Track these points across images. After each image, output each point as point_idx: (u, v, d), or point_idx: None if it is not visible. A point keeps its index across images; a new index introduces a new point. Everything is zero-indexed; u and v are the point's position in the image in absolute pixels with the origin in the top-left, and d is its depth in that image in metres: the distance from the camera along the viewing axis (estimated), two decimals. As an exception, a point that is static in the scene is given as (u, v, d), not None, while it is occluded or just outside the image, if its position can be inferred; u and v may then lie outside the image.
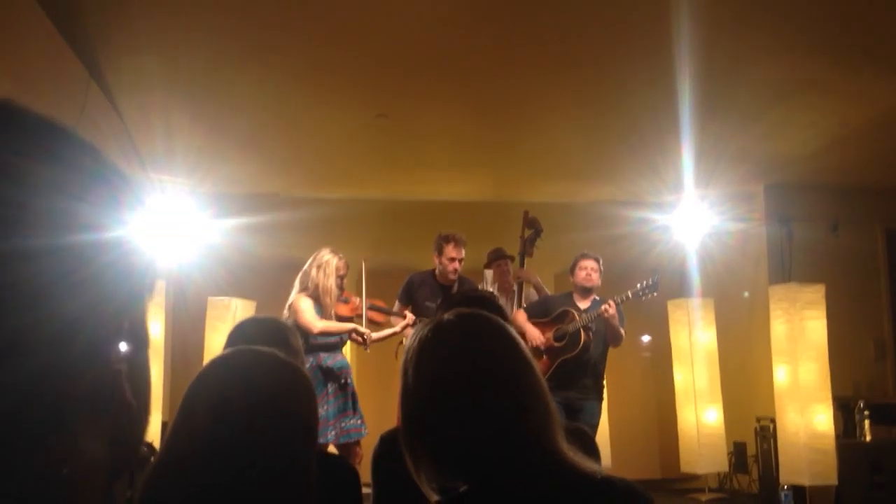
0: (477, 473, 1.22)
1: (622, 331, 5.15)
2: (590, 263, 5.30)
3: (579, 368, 5.11)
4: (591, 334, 5.13)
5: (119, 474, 0.58)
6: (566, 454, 1.23)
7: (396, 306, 5.44)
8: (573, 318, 5.15)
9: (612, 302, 5.01)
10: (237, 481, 1.09)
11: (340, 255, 4.96)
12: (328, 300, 4.87)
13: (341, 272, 4.94)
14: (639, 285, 5.15)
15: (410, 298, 5.40)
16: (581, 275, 5.29)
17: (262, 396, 1.18)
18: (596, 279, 5.28)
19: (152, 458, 1.18)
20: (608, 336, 5.19)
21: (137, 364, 0.58)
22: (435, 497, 1.27)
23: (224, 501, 1.08)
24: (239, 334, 1.93)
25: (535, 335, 5.11)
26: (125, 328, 0.56)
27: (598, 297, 5.29)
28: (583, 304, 5.26)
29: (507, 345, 1.30)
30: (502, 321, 1.37)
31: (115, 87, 4.93)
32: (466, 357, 1.27)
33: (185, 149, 5.87)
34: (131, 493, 1.18)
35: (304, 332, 4.71)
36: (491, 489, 1.20)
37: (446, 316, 1.33)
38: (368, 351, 5.09)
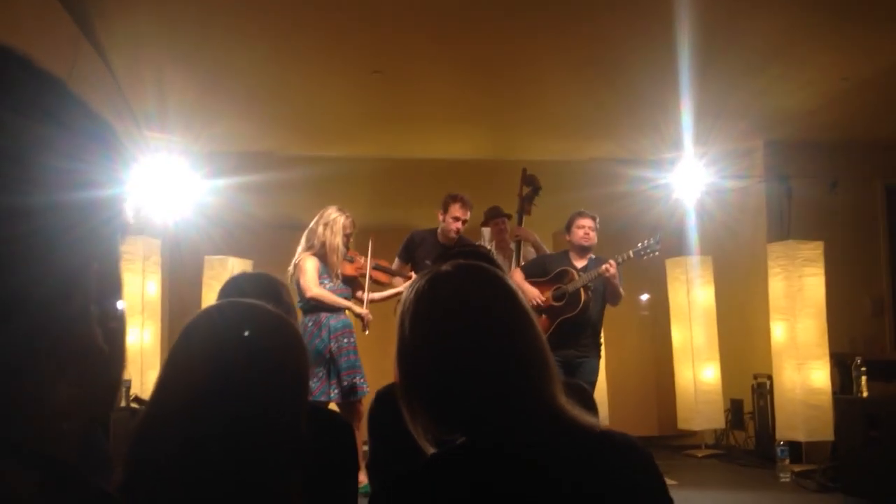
0: (474, 426, 1.20)
1: (621, 290, 5.14)
2: (587, 222, 5.27)
3: (579, 327, 5.12)
4: (590, 293, 5.12)
5: (94, 423, 0.57)
6: (565, 407, 1.22)
7: (396, 263, 5.43)
8: (573, 278, 5.13)
9: (612, 262, 4.99)
10: (228, 432, 1.07)
11: (347, 214, 4.97)
12: (335, 258, 4.89)
13: (348, 230, 4.95)
14: (640, 245, 5.13)
15: (410, 256, 5.40)
16: (579, 234, 5.25)
17: (255, 348, 1.16)
18: (594, 238, 5.26)
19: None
20: (607, 295, 5.18)
21: (109, 308, 0.56)
22: (431, 450, 1.25)
23: (215, 452, 1.06)
24: (232, 288, 1.92)
25: (534, 293, 5.09)
26: (94, 270, 0.54)
27: (594, 256, 5.27)
28: (580, 263, 5.25)
29: (505, 296, 1.27)
30: (500, 272, 1.34)
31: (106, 43, 4.85)
32: (464, 308, 1.24)
33: (178, 106, 5.80)
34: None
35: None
36: (488, 442, 1.18)
37: (444, 267, 1.30)
38: (367, 333, 5.05)
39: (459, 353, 1.20)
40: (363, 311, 4.99)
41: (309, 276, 4.82)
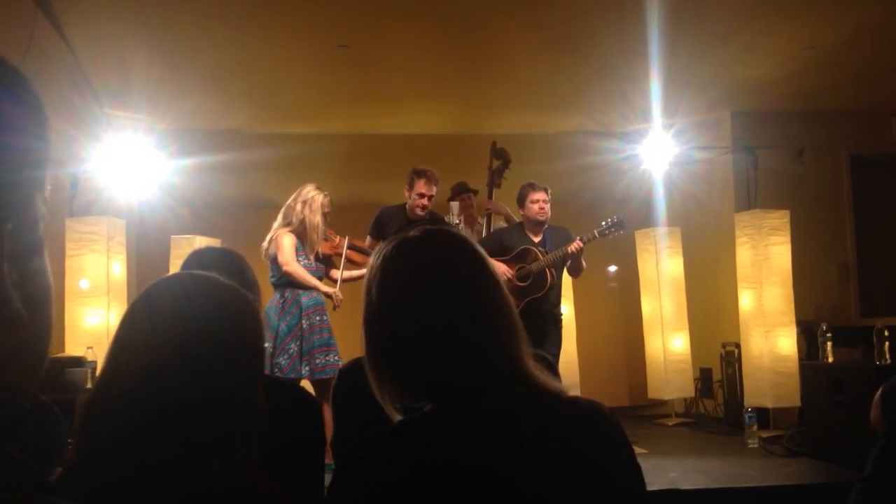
0: (442, 391, 1.19)
1: (584, 263, 5.20)
2: (541, 195, 5.25)
3: (545, 305, 5.14)
4: (554, 272, 5.15)
5: (19, 390, 0.54)
6: (534, 372, 1.21)
7: (367, 240, 5.41)
8: (536, 257, 5.14)
9: (579, 242, 5.03)
10: (180, 405, 1.06)
11: (325, 192, 4.95)
12: (315, 236, 4.88)
13: (326, 209, 4.94)
14: (604, 223, 5.15)
15: (381, 232, 5.37)
16: (534, 208, 5.25)
17: (203, 319, 1.14)
18: (548, 211, 5.26)
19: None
20: (570, 269, 5.24)
21: (29, 271, 0.53)
22: (398, 417, 1.24)
23: (166, 428, 1.05)
24: (194, 262, 1.88)
25: (503, 269, 5.09)
26: (8, 230, 0.51)
27: (549, 226, 5.30)
28: (536, 238, 5.26)
29: (473, 259, 1.24)
30: (468, 238, 1.33)
31: (63, 18, 4.74)
32: (431, 271, 1.22)
33: (141, 82, 5.70)
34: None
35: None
36: (456, 407, 1.17)
37: (411, 232, 1.28)
38: (335, 310, 5.03)
39: (427, 316, 1.18)
40: (332, 290, 4.96)
41: (287, 251, 4.82)
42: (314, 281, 4.91)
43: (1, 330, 0.51)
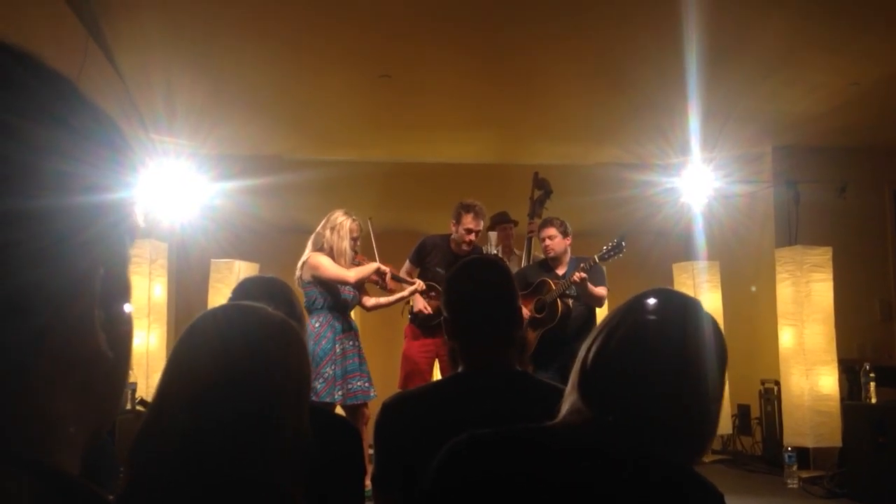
0: (596, 404, 1.24)
1: (601, 290, 5.07)
2: (548, 231, 5.22)
3: (565, 336, 5.03)
4: (569, 302, 5.08)
5: (99, 428, 0.56)
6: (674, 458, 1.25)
7: (406, 266, 5.40)
8: (550, 288, 5.11)
9: (579, 273, 4.95)
10: (231, 435, 1.07)
11: (354, 217, 4.94)
12: (342, 262, 4.86)
13: (354, 234, 4.93)
14: (604, 248, 5.07)
15: (421, 261, 5.36)
16: (542, 246, 5.26)
17: (258, 349, 1.16)
18: (556, 245, 5.19)
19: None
20: (587, 300, 5.13)
21: (116, 313, 0.55)
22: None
23: (218, 455, 1.06)
24: (242, 292, 1.90)
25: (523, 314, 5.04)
26: (100, 274, 0.53)
27: (574, 257, 5.25)
28: (560, 270, 5.22)
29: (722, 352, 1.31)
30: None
31: (114, 45, 4.86)
32: (671, 342, 1.29)
33: (186, 109, 5.81)
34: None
35: (331, 288, 4.79)
36: (585, 430, 1.22)
37: (688, 298, 1.42)
38: (389, 289, 5.04)
39: (647, 373, 1.25)
40: (385, 267, 4.97)
41: (334, 268, 4.78)
42: (370, 266, 4.91)
43: (88, 372, 0.53)
